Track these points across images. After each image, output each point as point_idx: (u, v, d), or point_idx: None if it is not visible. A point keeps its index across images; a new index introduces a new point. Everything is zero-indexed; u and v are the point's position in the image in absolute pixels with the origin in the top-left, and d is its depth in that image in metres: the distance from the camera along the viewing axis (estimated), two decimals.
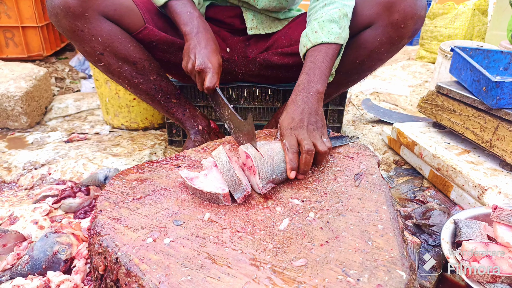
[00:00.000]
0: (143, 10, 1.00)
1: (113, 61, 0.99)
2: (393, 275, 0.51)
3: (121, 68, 1.00)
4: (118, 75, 1.02)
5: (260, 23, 1.15)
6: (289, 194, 0.70)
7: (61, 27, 0.92)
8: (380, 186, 0.72)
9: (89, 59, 1.00)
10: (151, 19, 1.02)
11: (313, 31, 0.88)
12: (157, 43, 1.03)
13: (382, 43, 0.96)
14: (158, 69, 1.06)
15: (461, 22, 2.41)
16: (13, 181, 1.16)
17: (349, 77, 1.09)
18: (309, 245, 0.57)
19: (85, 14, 0.90)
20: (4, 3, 1.99)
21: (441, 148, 1.13)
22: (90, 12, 0.90)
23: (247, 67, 1.20)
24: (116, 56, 0.98)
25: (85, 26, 0.91)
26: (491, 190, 0.92)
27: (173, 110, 1.13)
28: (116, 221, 0.61)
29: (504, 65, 1.24)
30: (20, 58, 2.13)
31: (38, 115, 1.62)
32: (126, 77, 1.03)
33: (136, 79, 1.03)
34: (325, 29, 0.87)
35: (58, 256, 0.75)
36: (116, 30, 0.96)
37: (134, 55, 1.00)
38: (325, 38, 0.86)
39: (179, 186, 0.72)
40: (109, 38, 0.95)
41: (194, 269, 0.52)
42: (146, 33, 1.01)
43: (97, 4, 0.91)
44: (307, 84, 0.82)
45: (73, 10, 0.88)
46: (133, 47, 0.99)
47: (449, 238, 0.78)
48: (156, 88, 1.07)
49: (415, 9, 0.90)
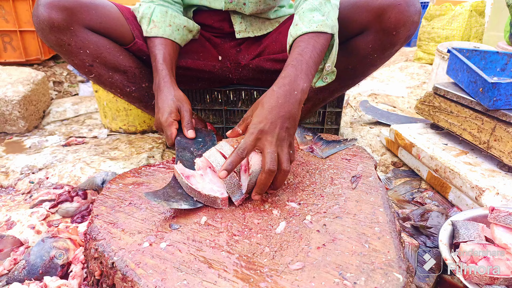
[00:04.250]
0: (132, 25, 1.00)
1: (104, 72, 0.98)
2: (390, 278, 0.51)
3: (112, 77, 1.00)
4: (110, 85, 1.02)
5: (249, 26, 1.12)
6: (286, 197, 0.70)
7: (48, 42, 0.92)
8: (377, 188, 0.72)
9: (80, 71, 0.99)
10: (140, 33, 1.01)
11: (295, 25, 0.80)
12: (147, 58, 1.02)
13: (374, 50, 0.93)
14: (149, 75, 1.05)
15: (459, 23, 2.42)
16: (11, 186, 1.15)
17: (343, 83, 1.07)
18: (306, 248, 0.57)
19: (70, 28, 0.89)
20: (2, 7, 1.99)
21: (439, 149, 1.13)
22: (75, 25, 0.90)
23: (241, 73, 1.19)
24: (106, 66, 0.98)
25: (72, 40, 0.91)
26: (489, 192, 0.92)
27: None
28: (112, 226, 0.60)
29: (501, 66, 1.24)
30: (18, 62, 2.13)
31: (36, 119, 1.62)
32: (118, 86, 1.02)
33: (128, 88, 1.03)
34: (306, 19, 0.78)
35: (55, 261, 0.74)
36: (104, 41, 0.96)
37: (124, 63, 1.00)
38: (305, 28, 0.77)
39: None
40: (97, 49, 0.94)
41: (190, 273, 0.52)
42: (136, 48, 1.01)
43: (82, 17, 0.90)
44: (293, 79, 0.71)
45: (58, 25, 0.87)
46: (122, 56, 0.99)
47: (447, 239, 0.78)
48: (149, 95, 1.06)
49: (407, 16, 0.85)
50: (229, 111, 1.33)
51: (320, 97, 1.12)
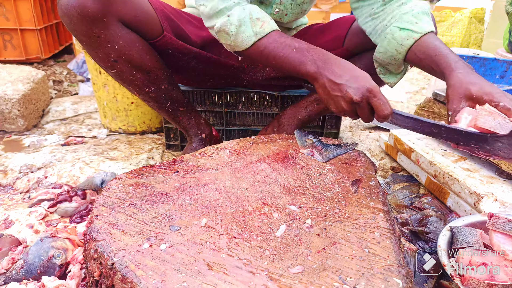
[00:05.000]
0: (161, 17, 0.96)
1: (127, 69, 0.94)
2: (390, 283, 0.51)
3: (134, 76, 0.96)
4: (129, 82, 0.98)
5: None
6: (286, 200, 0.70)
7: (75, 31, 0.86)
8: (377, 193, 0.72)
9: (101, 64, 0.95)
10: (168, 25, 0.98)
11: (413, 23, 0.86)
12: (172, 51, 1.01)
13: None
14: (170, 78, 1.04)
15: (458, 30, 2.43)
16: (9, 185, 1.15)
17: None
18: (305, 252, 0.57)
19: (104, 20, 0.84)
20: (3, 5, 1.99)
21: (438, 155, 1.14)
22: (109, 17, 0.84)
23: (254, 75, 1.20)
24: (131, 64, 0.94)
25: (102, 32, 0.86)
26: (487, 198, 0.92)
27: (179, 118, 1.12)
28: (112, 226, 0.60)
29: (500, 73, 1.25)
30: (18, 61, 2.12)
31: (35, 118, 1.62)
32: (138, 85, 0.99)
33: (147, 88, 1.00)
34: (424, 20, 0.86)
35: (53, 261, 0.74)
36: (134, 38, 0.91)
37: (150, 64, 0.96)
38: (429, 27, 0.85)
39: (176, 191, 0.71)
40: (126, 45, 0.90)
41: (190, 275, 0.52)
42: (164, 41, 0.97)
43: (118, 9, 0.85)
44: (471, 72, 0.77)
45: (92, 15, 0.82)
46: (149, 56, 0.95)
47: (445, 245, 0.78)
48: (166, 97, 1.05)
49: None
50: (229, 113, 1.34)
51: None
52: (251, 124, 1.37)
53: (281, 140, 0.95)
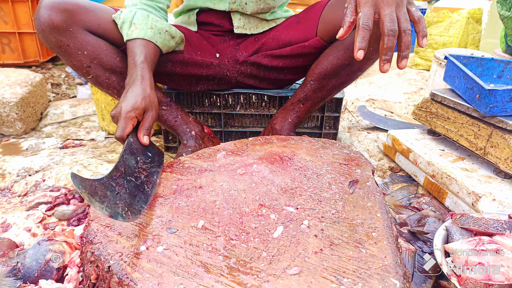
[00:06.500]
0: None
1: (101, 73, 1.01)
2: (387, 284, 0.51)
3: (109, 79, 1.02)
4: (107, 86, 1.04)
5: (247, 23, 1.18)
6: (284, 202, 0.70)
7: (48, 43, 0.95)
8: (374, 194, 0.72)
9: (78, 72, 1.02)
10: None
11: None
12: None
13: (370, 43, 0.94)
14: None
15: (456, 30, 2.44)
16: (7, 188, 1.15)
17: (340, 79, 1.09)
18: (303, 253, 0.57)
19: (69, 29, 0.92)
20: (1, 9, 1.99)
21: (436, 155, 1.14)
22: (74, 27, 0.93)
23: (239, 70, 1.22)
24: (103, 67, 1.00)
25: (71, 41, 0.94)
26: (485, 197, 0.92)
27: (164, 117, 1.14)
28: (109, 229, 0.60)
29: (497, 73, 1.25)
30: (16, 64, 2.12)
31: (33, 121, 1.61)
32: (115, 88, 1.04)
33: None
34: None
35: (51, 264, 0.74)
36: (101, 43, 0.98)
37: (121, 65, 1.01)
38: None
39: (173, 193, 0.71)
40: (94, 50, 0.97)
41: (187, 277, 0.52)
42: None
43: (81, 19, 0.94)
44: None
45: (58, 26, 0.91)
46: (119, 57, 1.01)
47: (441, 244, 0.78)
48: None
49: None
50: (228, 115, 1.34)
51: (319, 96, 1.13)
52: (249, 125, 1.37)
53: (278, 141, 0.95)
